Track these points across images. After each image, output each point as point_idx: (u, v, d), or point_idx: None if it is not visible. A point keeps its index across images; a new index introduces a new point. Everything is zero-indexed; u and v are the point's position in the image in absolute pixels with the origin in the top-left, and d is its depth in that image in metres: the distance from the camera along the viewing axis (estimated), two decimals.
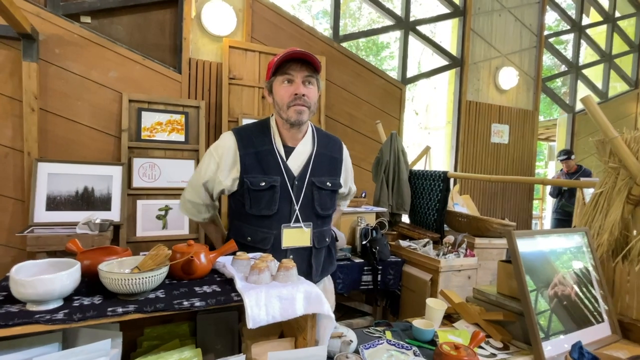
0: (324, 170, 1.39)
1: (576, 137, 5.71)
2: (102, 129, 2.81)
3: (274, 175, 1.29)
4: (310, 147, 1.38)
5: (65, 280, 0.75)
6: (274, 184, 1.28)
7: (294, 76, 1.27)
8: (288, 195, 1.30)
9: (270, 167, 1.29)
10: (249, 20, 3.27)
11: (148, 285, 0.80)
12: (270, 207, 1.28)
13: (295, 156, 1.34)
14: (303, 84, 1.28)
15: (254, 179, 1.27)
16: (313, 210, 1.35)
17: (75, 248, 0.94)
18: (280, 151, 1.32)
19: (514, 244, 1.27)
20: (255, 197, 1.27)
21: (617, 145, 1.53)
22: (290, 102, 1.27)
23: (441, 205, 2.86)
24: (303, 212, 1.32)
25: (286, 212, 1.30)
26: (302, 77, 1.28)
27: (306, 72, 1.28)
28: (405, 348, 1.23)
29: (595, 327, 1.33)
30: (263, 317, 0.83)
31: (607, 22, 6.14)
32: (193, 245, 0.98)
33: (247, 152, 1.29)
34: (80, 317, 0.72)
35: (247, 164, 1.28)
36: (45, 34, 2.61)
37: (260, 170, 1.28)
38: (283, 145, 1.34)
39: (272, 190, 1.28)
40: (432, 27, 5.28)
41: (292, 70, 1.27)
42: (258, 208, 1.27)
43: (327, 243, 1.44)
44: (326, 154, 1.41)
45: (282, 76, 1.28)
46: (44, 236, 2.26)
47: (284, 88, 1.28)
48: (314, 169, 1.36)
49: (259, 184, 1.26)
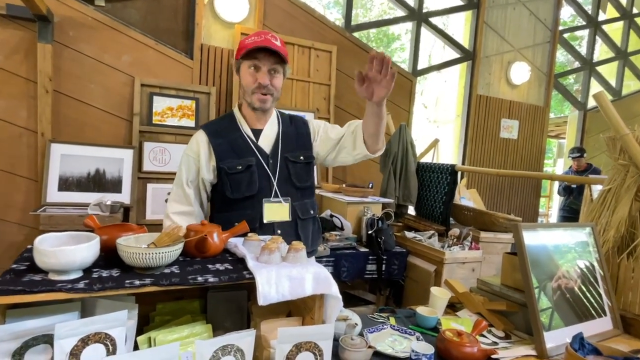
0: (294, 145, 1.44)
1: (587, 134, 5.65)
2: (114, 112, 2.84)
3: (248, 157, 1.35)
4: (276, 127, 1.44)
5: (85, 252, 0.78)
6: (250, 163, 1.34)
7: (260, 64, 1.30)
8: (265, 173, 1.36)
9: (243, 151, 1.36)
10: (262, 8, 3.26)
11: (164, 260, 0.83)
12: (251, 187, 1.34)
13: (265, 137, 1.41)
14: (269, 72, 1.32)
15: (230, 163, 1.33)
16: (291, 184, 1.41)
17: (92, 224, 0.97)
18: (249, 134, 1.39)
19: (521, 236, 1.29)
20: (234, 180, 1.33)
21: (628, 142, 1.53)
22: (254, 88, 1.32)
23: (448, 198, 2.87)
24: (282, 187, 1.39)
25: (267, 188, 1.36)
26: (269, 66, 1.31)
27: (273, 62, 1.31)
28: (409, 333, 1.26)
29: (597, 320, 1.35)
30: (274, 295, 0.86)
31: (624, 19, 6.02)
32: (206, 224, 1.01)
33: (218, 141, 1.36)
34: (100, 287, 0.75)
35: (221, 152, 1.34)
36: (60, 16, 2.63)
37: (234, 155, 1.35)
38: (251, 129, 1.40)
39: (250, 171, 1.34)
40: (444, 19, 5.22)
41: (260, 58, 1.30)
42: (239, 191, 1.33)
43: (313, 215, 1.49)
44: (292, 131, 1.47)
45: (249, 61, 1.31)
46: (56, 215, 2.31)
47: (250, 74, 1.32)
48: (284, 145, 1.42)
49: (235, 167, 1.33)
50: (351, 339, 1.08)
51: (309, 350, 0.84)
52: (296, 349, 0.83)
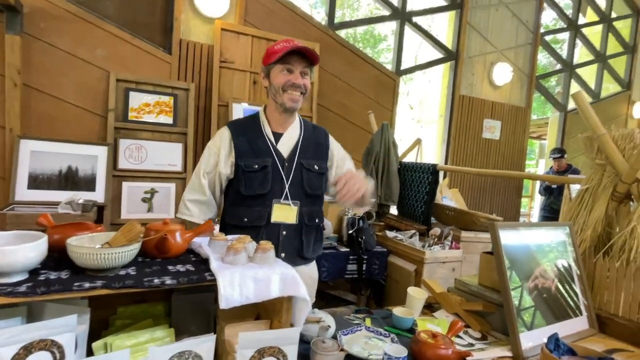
0: (311, 153, 1.50)
1: (567, 136, 5.74)
2: (88, 107, 2.74)
3: (266, 157, 1.42)
4: (297, 132, 1.50)
5: (29, 252, 0.72)
6: (266, 164, 1.41)
7: (293, 67, 1.39)
8: (279, 175, 1.42)
9: (262, 151, 1.43)
10: (243, 3, 3.20)
11: (118, 261, 0.78)
12: (263, 186, 1.40)
13: (284, 141, 1.47)
14: (301, 74, 1.40)
15: (248, 161, 1.40)
16: (303, 189, 1.46)
17: (46, 222, 0.91)
18: (270, 137, 1.46)
19: (497, 235, 1.27)
20: (249, 178, 1.40)
21: (605, 142, 1.53)
22: (286, 87, 1.39)
23: (429, 198, 2.86)
24: (293, 191, 1.44)
25: (278, 190, 1.42)
26: (301, 69, 1.40)
27: (304, 65, 1.40)
28: (384, 335, 1.23)
29: (573, 320, 1.34)
30: (237, 298, 0.81)
31: (603, 22, 6.15)
32: (169, 223, 0.95)
33: (240, 140, 1.43)
34: (44, 290, 0.69)
35: (241, 150, 1.42)
36: (30, 7, 2.52)
37: (252, 155, 1.42)
38: (273, 132, 1.47)
39: (265, 171, 1.40)
40: (429, 19, 5.24)
41: (293, 61, 1.38)
42: (252, 188, 1.40)
43: (318, 223, 1.53)
44: (312, 140, 1.53)
45: (282, 65, 1.39)
46: (24, 214, 2.21)
47: (283, 75, 1.39)
48: (302, 152, 1.47)
49: (252, 166, 1.40)
50: (323, 342, 1.04)
51: (272, 356, 0.80)
52: (259, 355, 0.78)
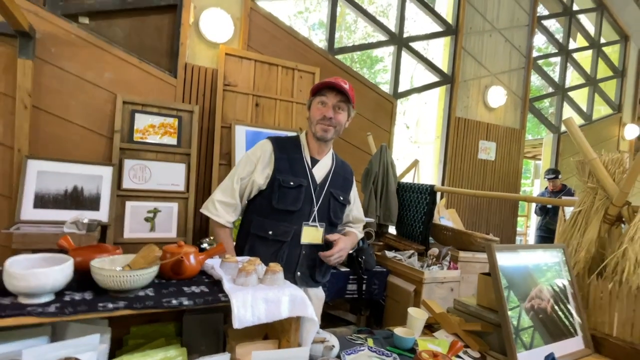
0: (339, 185, 1.64)
1: (561, 156, 5.86)
2: (94, 129, 2.81)
3: (302, 178, 1.54)
4: (330, 162, 1.65)
5: (57, 275, 0.77)
6: (302, 184, 1.53)
7: (327, 100, 1.52)
8: (310, 197, 1.54)
9: (299, 171, 1.55)
10: (246, 29, 3.32)
11: (138, 283, 0.83)
12: (295, 204, 1.51)
13: (319, 167, 1.60)
14: (334, 108, 1.52)
15: (285, 177, 1.51)
16: (327, 215, 1.58)
17: (67, 245, 0.96)
18: (308, 160, 1.59)
19: (494, 257, 1.32)
20: (283, 193, 1.50)
21: (596, 166, 1.61)
22: (319, 120, 1.52)
23: (427, 218, 2.92)
24: (319, 215, 1.56)
25: (307, 210, 1.54)
26: (334, 103, 1.52)
27: (338, 99, 1.52)
28: (386, 355, 1.26)
29: (569, 340, 1.38)
30: (249, 318, 0.86)
31: (593, 48, 6.36)
32: (183, 246, 1.00)
33: (281, 156, 1.54)
34: (72, 310, 0.74)
35: (281, 166, 1.53)
36: (43, 33, 2.62)
37: (290, 173, 1.53)
38: (310, 156, 1.60)
39: (299, 190, 1.52)
40: (424, 44, 5.40)
41: (327, 95, 1.52)
42: (285, 203, 1.50)
43: None
44: (341, 173, 1.68)
45: (319, 97, 1.53)
46: (30, 234, 2.24)
47: (318, 108, 1.54)
48: (332, 182, 1.61)
49: (289, 183, 1.51)
50: None
51: None
52: None
